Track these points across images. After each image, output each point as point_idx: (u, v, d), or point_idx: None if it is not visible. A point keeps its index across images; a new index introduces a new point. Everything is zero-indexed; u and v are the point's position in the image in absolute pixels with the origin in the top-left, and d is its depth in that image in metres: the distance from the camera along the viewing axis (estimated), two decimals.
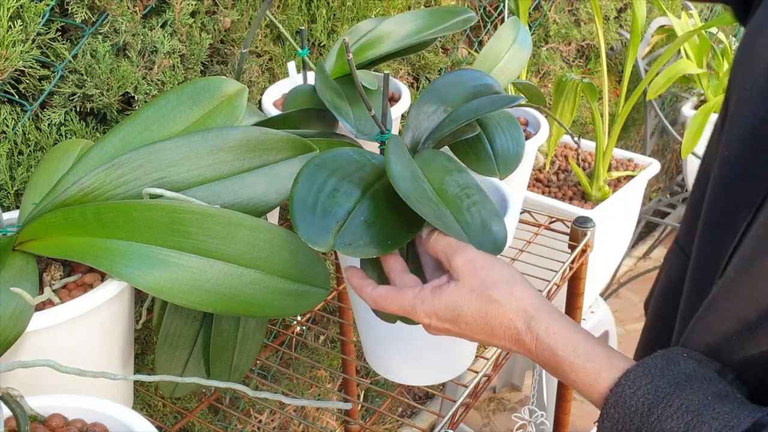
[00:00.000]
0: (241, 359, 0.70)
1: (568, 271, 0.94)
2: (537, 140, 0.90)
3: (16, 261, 0.60)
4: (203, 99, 0.68)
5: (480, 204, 0.58)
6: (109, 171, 0.61)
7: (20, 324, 0.55)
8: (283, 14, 1.06)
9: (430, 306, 0.53)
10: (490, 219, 0.57)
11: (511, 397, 1.85)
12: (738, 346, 0.46)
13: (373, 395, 1.65)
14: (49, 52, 0.80)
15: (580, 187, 1.28)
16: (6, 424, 0.49)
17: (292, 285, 0.60)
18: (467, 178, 0.62)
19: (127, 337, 0.68)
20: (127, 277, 0.55)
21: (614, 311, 2.14)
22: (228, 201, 0.63)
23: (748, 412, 0.42)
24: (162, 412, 1.10)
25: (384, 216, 0.56)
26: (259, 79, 1.05)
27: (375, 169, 0.60)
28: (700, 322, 0.49)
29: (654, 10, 1.97)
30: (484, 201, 0.59)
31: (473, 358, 0.74)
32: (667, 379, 0.44)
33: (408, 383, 0.73)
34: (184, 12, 0.89)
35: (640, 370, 0.46)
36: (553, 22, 1.66)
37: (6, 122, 0.78)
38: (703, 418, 0.42)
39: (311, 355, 1.42)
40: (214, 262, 0.57)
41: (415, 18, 0.89)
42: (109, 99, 0.84)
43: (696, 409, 0.42)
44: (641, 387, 0.45)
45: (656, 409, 0.43)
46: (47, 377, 0.59)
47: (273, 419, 1.40)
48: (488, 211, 0.58)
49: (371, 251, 0.53)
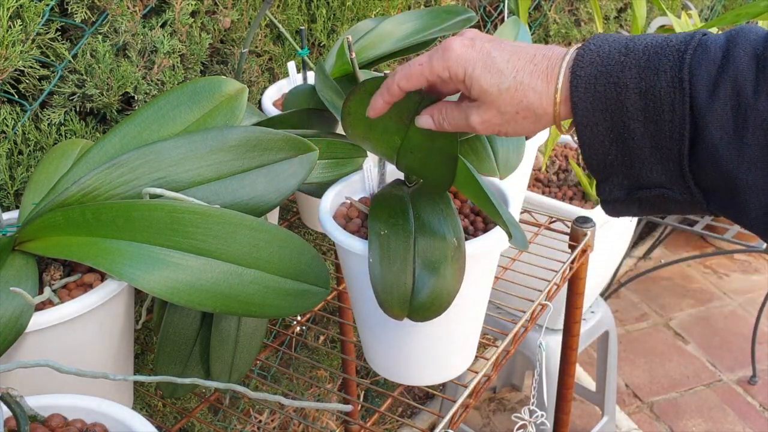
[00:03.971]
0: (240, 359, 0.70)
1: (568, 271, 0.94)
2: (537, 140, 0.90)
3: (16, 261, 0.60)
4: (203, 99, 0.68)
5: (502, 206, 0.62)
6: (109, 171, 0.61)
7: (20, 324, 0.55)
8: (283, 14, 1.06)
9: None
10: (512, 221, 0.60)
11: (511, 397, 1.85)
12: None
13: (373, 395, 1.65)
14: (49, 52, 0.80)
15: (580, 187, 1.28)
16: (6, 424, 0.49)
17: (292, 285, 0.60)
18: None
19: (127, 337, 0.68)
20: (127, 277, 0.55)
21: (614, 311, 2.14)
22: (228, 201, 0.63)
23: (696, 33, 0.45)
24: (162, 412, 1.10)
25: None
26: (259, 79, 1.05)
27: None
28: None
29: (654, 10, 1.97)
30: (501, 204, 0.62)
31: (473, 358, 0.74)
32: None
33: (408, 383, 0.73)
34: (184, 12, 0.89)
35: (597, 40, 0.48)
36: (553, 22, 1.66)
37: (6, 122, 0.78)
38: (667, 38, 0.45)
39: (311, 355, 1.42)
40: (214, 262, 0.57)
41: (415, 18, 0.89)
42: (109, 99, 0.84)
43: (661, 39, 0.45)
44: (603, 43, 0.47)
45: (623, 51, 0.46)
46: (47, 377, 0.59)
47: (273, 419, 1.40)
48: (508, 212, 0.61)
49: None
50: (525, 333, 0.82)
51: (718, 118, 0.42)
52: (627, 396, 1.85)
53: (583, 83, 0.46)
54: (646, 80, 0.44)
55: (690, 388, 1.87)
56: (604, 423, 1.59)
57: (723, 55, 0.43)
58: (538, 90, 0.49)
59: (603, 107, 0.46)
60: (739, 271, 2.32)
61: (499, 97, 0.50)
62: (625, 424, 1.76)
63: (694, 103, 0.43)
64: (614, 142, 0.46)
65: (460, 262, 0.60)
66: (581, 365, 1.92)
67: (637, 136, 0.45)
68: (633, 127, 0.45)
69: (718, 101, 0.42)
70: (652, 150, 0.45)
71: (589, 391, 1.64)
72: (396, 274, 0.59)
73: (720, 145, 0.43)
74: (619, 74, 0.45)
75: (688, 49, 0.44)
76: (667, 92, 0.44)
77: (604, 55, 0.46)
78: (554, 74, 0.48)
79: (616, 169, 0.48)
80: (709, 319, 2.12)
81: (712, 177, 0.44)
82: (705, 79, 0.43)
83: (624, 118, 0.45)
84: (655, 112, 0.44)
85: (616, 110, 0.45)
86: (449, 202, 0.64)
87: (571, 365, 1.07)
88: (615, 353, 1.53)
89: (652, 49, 0.45)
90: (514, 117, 0.51)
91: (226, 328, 0.69)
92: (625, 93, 0.45)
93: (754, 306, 2.14)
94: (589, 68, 0.46)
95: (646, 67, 0.44)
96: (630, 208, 0.50)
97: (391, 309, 0.59)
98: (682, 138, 0.44)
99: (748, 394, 1.84)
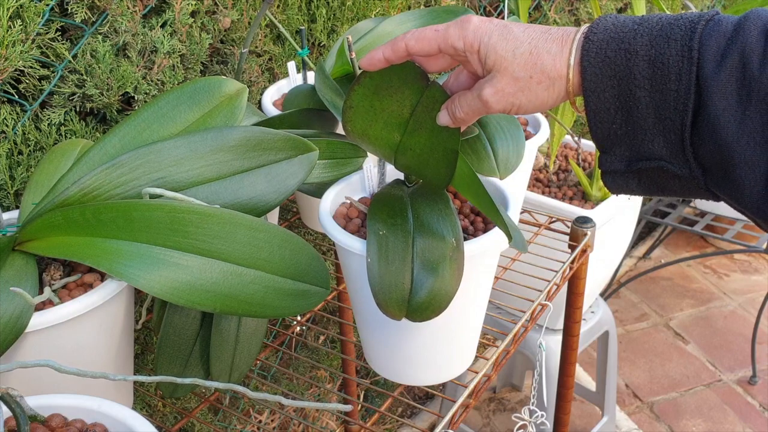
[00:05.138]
0: (240, 359, 0.70)
1: (568, 271, 0.94)
2: (537, 140, 0.90)
3: (16, 261, 0.60)
4: (203, 99, 0.68)
5: (501, 208, 0.62)
6: (109, 171, 0.61)
7: (20, 324, 0.55)
8: (283, 14, 1.06)
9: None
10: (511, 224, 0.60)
11: (511, 397, 1.85)
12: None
13: (373, 395, 1.65)
14: (49, 52, 0.80)
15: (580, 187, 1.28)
16: (6, 424, 0.49)
17: (292, 285, 0.60)
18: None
19: (127, 337, 0.68)
20: (127, 277, 0.55)
21: (614, 311, 2.14)
22: (228, 201, 0.63)
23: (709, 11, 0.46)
24: (162, 412, 1.10)
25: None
26: (259, 79, 1.05)
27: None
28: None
29: (654, 10, 1.97)
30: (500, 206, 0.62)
31: (473, 358, 0.74)
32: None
33: (408, 383, 0.73)
34: (184, 12, 0.89)
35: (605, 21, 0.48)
36: (553, 22, 1.66)
37: (6, 122, 0.78)
38: (683, 14, 0.46)
39: (311, 355, 1.42)
40: (214, 261, 0.57)
41: (415, 18, 0.89)
42: (109, 99, 0.84)
43: (677, 15, 0.46)
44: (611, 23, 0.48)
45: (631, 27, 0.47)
46: (47, 377, 0.59)
47: (273, 419, 1.40)
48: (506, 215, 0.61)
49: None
50: (525, 333, 0.82)
51: (723, 89, 0.43)
52: (627, 396, 1.85)
53: (595, 48, 0.47)
54: (656, 48, 0.45)
55: (690, 388, 1.87)
56: (604, 423, 1.59)
57: (734, 29, 0.44)
58: (553, 52, 0.49)
59: (611, 73, 0.46)
60: (739, 271, 2.32)
61: (514, 61, 0.50)
62: (625, 424, 1.76)
63: (701, 73, 0.44)
64: (619, 110, 0.47)
65: (459, 263, 0.60)
66: (581, 365, 1.92)
67: (642, 105, 0.46)
68: (639, 96, 0.46)
69: (724, 72, 0.43)
70: (655, 120, 0.46)
71: (589, 391, 1.64)
72: (394, 274, 0.59)
73: (722, 117, 0.43)
74: (631, 41, 0.46)
75: (700, 21, 0.45)
76: (676, 60, 0.44)
77: (619, 24, 0.47)
78: (569, 39, 0.49)
79: (619, 138, 0.48)
80: (709, 319, 2.12)
81: (711, 151, 0.45)
82: (713, 49, 0.43)
83: (631, 85, 0.46)
84: (662, 81, 0.45)
85: (623, 77, 0.46)
86: (448, 202, 0.64)
87: (571, 365, 1.07)
88: (615, 353, 1.53)
89: (665, 21, 0.46)
90: (528, 83, 0.51)
91: (226, 328, 0.69)
92: (634, 60, 0.45)
93: (754, 306, 2.14)
94: (603, 34, 0.47)
95: (657, 36, 0.45)
96: (629, 182, 0.50)
97: (389, 309, 0.59)
98: (685, 109, 0.44)
99: (748, 394, 1.84)
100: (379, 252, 0.60)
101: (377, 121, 0.60)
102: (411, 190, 0.68)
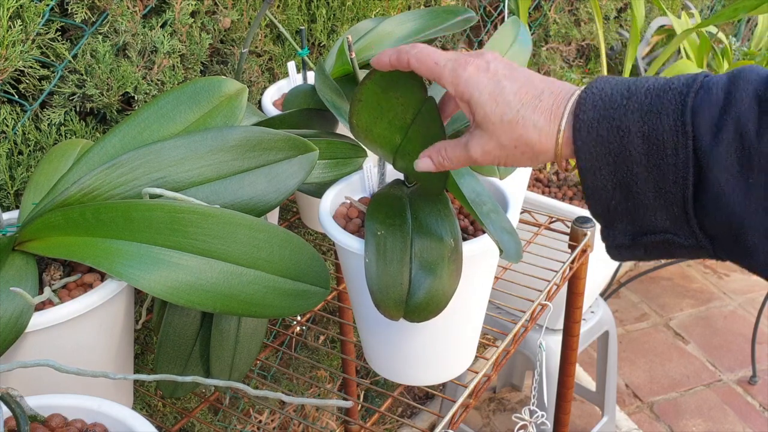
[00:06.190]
0: (240, 359, 0.70)
1: (568, 271, 0.94)
2: None
3: (16, 261, 0.60)
4: (203, 99, 0.68)
5: (494, 212, 0.60)
6: (109, 171, 0.61)
7: (20, 324, 0.55)
8: (283, 14, 1.06)
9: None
10: (507, 228, 0.59)
11: (511, 398, 1.85)
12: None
13: (373, 395, 1.65)
14: (49, 52, 0.80)
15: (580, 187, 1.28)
16: (6, 424, 0.49)
17: (292, 285, 0.60)
18: (475, 182, 0.63)
19: (127, 337, 0.68)
20: (127, 277, 0.55)
21: (614, 311, 2.14)
22: (228, 201, 0.63)
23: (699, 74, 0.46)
24: (162, 412, 1.10)
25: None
26: (259, 79, 1.05)
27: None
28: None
29: (654, 10, 1.97)
30: (497, 210, 0.60)
31: (473, 358, 0.74)
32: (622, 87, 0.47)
33: (408, 383, 0.73)
34: (184, 12, 0.89)
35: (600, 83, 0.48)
36: (553, 22, 1.66)
37: (6, 122, 0.78)
38: (670, 81, 0.45)
39: (311, 355, 1.42)
40: (213, 261, 0.57)
41: (415, 18, 0.89)
42: (109, 99, 0.84)
43: (663, 82, 0.45)
44: (606, 85, 0.47)
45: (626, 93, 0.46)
46: (47, 377, 0.59)
47: (273, 419, 1.40)
48: (503, 220, 0.60)
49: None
50: (525, 333, 0.82)
51: (723, 161, 0.42)
52: (627, 396, 1.85)
53: (586, 127, 0.46)
54: (649, 124, 0.44)
55: (690, 388, 1.87)
56: (604, 423, 1.59)
57: (725, 96, 0.43)
58: (539, 126, 0.48)
59: (606, 151, 0.45)
60: (739, 271, 2.32)
61: (501, 127, 0.50)
62: (625, 424, 1.76)
63: (698, 146, 0.43)
64: (618, 187, 0.46)
65: (457, 263, 0.60)
66: (581, 365, 1.92)
67: (641, 181, 0.45)
68: (636, 172, 0.45)
69: (722, 144, 0.42)
70: (656, 195, 0.45)
71: (589, 391, 1.64)
72: (392, 274, 0.59)
73: (726, 188, 0.42)
74: (622, 118, 0.45)
75: (690, 91, 0.43)
76: (671, 136, 0.43)
77: (607, 98, 0.46)
78: (558, 114, 0.48)
79: (620, 214, 0.47)
80: (709, 319, 2.12)
81: (717, 221, 0.44)
82: (708, 121, 0.42)
83: (627, 162, 0.45)
84: (659, 156, 0.44)
85: (619, 154, 0.45)
86: (447, 203, 0.64)
87: (571, 365, 1.07)
88: (615, 353, 1.53)
89: (654, 92, 0.45)
90: (513, 152, 0.51)
91: (226, 328, 0.69)
92: (628, 137, 0.44)
93: (754, 306, 2.14)
94: (592, 112, 0.46)
95: (648, 111, 0.44)
96: (635, 254, 0.49)
97: (387, 309, 0.59)
98: (686, 182, 0.43)
99: (748, 394, 1.84)
100: (377, 252, 0.60)
101: (382, 119, 0.60)
102: (410, 190, 0.68)
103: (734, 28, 2.36)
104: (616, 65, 1.97)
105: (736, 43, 1.71)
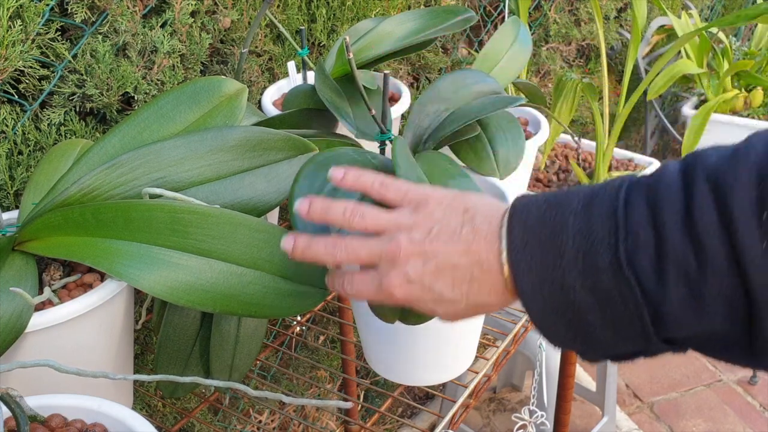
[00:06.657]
0: (240, 359, 0.70)
1: None
2: (537, 140, 0.90)
3: (15, 261, 0.60)
4: (203, 99, 0.68)
5: None
6: (109, 171, 0.61)
7: (20, 324, 0.55)
8: (283, 14, 1.06)
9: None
10: None
11: (511, 398, 1.85)
12: None
13: (373, 395, 1.65)
14: (49, 52, 0.80)
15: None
16: (6, 424, 0.49)
17: (291, 285, 0.60)
18: (470, 183, 0.62)
19: (127, 337, 0.68)
20: (127, 277, 0.55)
21: None
22: (228, 201, 0.63)
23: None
24: (162, 412, 1.10)
25: None
26: (259, 79, 1.05)
27: (376, 169, 0.60)
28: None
29: (654, 10, 1.97)
30: None
31: (473, 358, 0.74)
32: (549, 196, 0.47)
33: (408, 383, 0.73)
34: (184, 12, 0.89)
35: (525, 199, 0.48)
36: (553, 22, 1.66)
37: (6, 122, 0.78)
38: (590, 223, 0.45)
39: (311, 356, 1.42)
40: (213, 262, 0.57)
41: (415, 18, 0.89)
42: (108, 99, 0.84)
43: (591, 189, 0.46)
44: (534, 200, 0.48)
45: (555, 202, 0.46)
46: (47, 377, 0.59)
47: (273, 419, 1.40)
48: None
49: None
50: (525, 333, 0.82)
51: (674, 300, 0.42)
52: (627, 396, 1.85)
53: (529, 291, 0.46)
54: (591, 278, 0.44)
55: (690, 388, 1.87)
56: (604, 423, 1.59)
57: (655, 238, 0.42)
58: (491, 301, 0.49)
59: (555, 310, 0.45)
60: None
61: (460, 312, 0.51)
62: (625, 425, 1.76)
63: (645, 289, 0.42)
64: (577, 336, 0.46)
65: None
66: (581, 365, 1.92)
67: (598, 327, 0.45)
68: (591, 320, 0.45)
69: (668, 286, 0.42)
70: (615, 334, 0.45)
71: (589, 391, 1.64)
72: None
73: (683, 318, 0.42)
74: (562, 279, 0.44)
75: (618, 239, 0.43)
76: (615, 287, 0.43)
77: (537, 262, 0.45)
78: (500, 288, 0.48)
79: (587, 352, 0.48)
80: None
81: (683, 336, 0.44)
82: (648, 270, 0.42)
83: (579, 313, 0.45)
84: (608, 304, 0.44)
85: (568, 310, 0.45)
86: None
87: (571, 365, 1.07)
88: None
89: (582, 253, 0.44)
90: (474, 312, 0.52)
91: (226, 328, 0.69)
92: (573, 293, 0.44)
93: None
94: (529, 277, 0.46)
95: (584, 270, 0.44)
96: (614, 360, 0.50)
97: (383, 312, 0.59)
98: (642, 321, 0.43)
99: (748, 394, 1.84)
100: None
101: None
102: None
103: (734, 29, 2.36)
104: (617, 65, 1.97)
105: (736, 43, 1.71)
